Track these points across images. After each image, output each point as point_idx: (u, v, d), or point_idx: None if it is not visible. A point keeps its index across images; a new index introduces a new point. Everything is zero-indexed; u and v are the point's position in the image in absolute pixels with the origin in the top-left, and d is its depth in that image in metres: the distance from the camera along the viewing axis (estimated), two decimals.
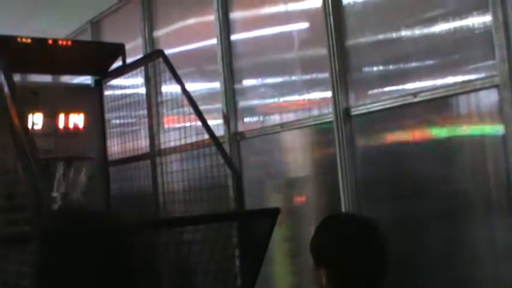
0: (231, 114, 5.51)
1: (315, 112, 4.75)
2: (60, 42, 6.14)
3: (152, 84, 6.37)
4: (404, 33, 4.09)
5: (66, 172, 5.19)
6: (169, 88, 5.82)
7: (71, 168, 5.29)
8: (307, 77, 4.89)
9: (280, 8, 5.13)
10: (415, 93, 3.97)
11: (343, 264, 2.29)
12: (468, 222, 3.72)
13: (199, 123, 5.15)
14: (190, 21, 6.21)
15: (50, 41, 5.99)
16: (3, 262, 4.14)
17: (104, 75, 6.53)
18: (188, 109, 5.31)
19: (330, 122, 4.50)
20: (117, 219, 1.70)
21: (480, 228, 3.69)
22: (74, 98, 6.43)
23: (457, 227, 3.73)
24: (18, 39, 5.71)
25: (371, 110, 4.27)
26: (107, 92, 6.63)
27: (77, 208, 1.87)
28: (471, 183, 3.73)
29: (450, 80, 3.80)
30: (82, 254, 1.58)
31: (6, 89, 4.67)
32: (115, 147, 6.58)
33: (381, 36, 4.28)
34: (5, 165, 4.82)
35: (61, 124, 6.23)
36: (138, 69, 6.30)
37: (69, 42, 6.34)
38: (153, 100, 6.40)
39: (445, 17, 3.83)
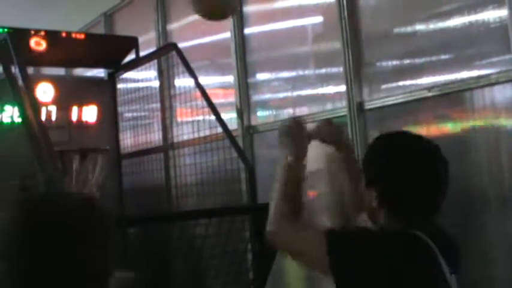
0: (244, 108, 5.50)
1: (329, 106, 4.74)
2: (73, 35, 6.16)
3: (165, 77, 6.38)
4: (419, 27, 4.07)
5: (81, 164, 5.20)
6: (183, 81, 5.83)
7: (85, 160, 5.30)
8: (321, 70, 4.87)
9: (294, 1, 5.11)
10: (429, 88, 3.95)
11: (398, 185, 2.13)
12: (483, 217, 3.70)
13: (212, 116, 5.15)
14: None
15: (64, 34, 6.01)
16: None
17: (117, 68, 6.55)
18: (201, 102, 5.31)
19: (344, 116, 4.49)
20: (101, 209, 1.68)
21: (494, 224, 3.67)
22: (87, 91, 6.46)
23: (471, 222, 3.71)
24: (32, 32, 5.72)
25: (385, 104, 4.25)
26: (119, 85, 6.65)
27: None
28: (486, 178, 3.70)
29: (465, 74, 3.77)
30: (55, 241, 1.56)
31: (20, 82, 4.69)
32: (128, 140, 6.61)
33: (395, 30, 4.26)
34: (19, 157, 4.85)
35: (74, 117, 6.25)
36: (151, 62, 6.32)
37: (83, 35, 6.35)
38: (166, 93, 6.41)
39: (460, 11, 3.81)
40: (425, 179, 2.14)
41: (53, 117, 6.06)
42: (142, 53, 6.35)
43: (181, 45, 5.67)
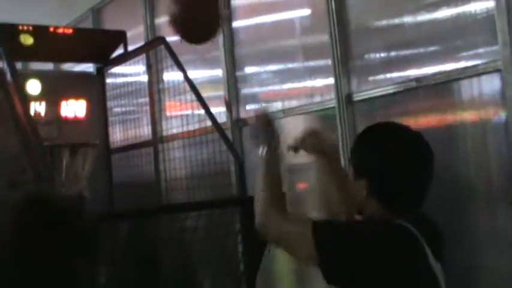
0: (233, 101, 5.51)
1: (317, 98, 4.75)
2: (61, 30, 6.15)
3: (154, 71, 6.37)
4: (406, 18, 4.09)
5: (71, 159, 5.20)
6: (171, 75, 5.83)
7: (75, 155, 5.30)
8: (309, 63, 4.88)
9: None
10: (417, 79, 3.97)
11: (387, 175, 2.16)
12: (470, 209, 3.73)
13: (201, 110, 5.16)
14: None
15: (52, 29, 6.00)
16: None
17: (105, 62, 6.54)
18: (190, 96, 5.32)
19: (332, 107, 4.50)
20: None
21: (482, 216, 3.70)
22: (75, 86, 6.44)
23: (459, 215, 3.74)
24: (20, 27, 5.71)
25: (373, 95, 4.27)
26: (108, 80, 6.65)
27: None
28: (473, 169, 3.73)
29: (452, 65, 3.79)
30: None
31: (8, 76, 4.69)
32: (117, 134, 6.61)
33: (382, 22, 4.28)
34: (8, 153, 4.84)
35: (63, 112, 6.24)
36: (140, 57, 6.31)
37: (71, 30, 6.35)
38: (154, 87, 6.41)
39: (447, 2, 3.82)
40: (414, 169, 2.17)
41: (42, 113, 6.05)
42: (130, 48, 6.35)
43: (169, 39, 5.66)
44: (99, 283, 5.25)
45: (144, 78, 6.52)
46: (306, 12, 4.96)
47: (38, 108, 6.02)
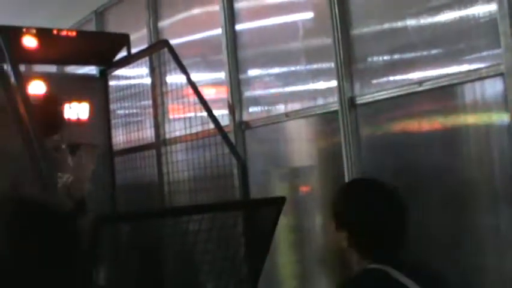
0: (236, 104, 5.52)
1: (320, 101, 4.76)
2: (65, 32, 6.15)
3: (157, 74, 6.38)
4: (409, 22, 4.09)
5: (73, 161, 5.19)
6: (174, 78, 5.83)
7: (78, 157, 5.29)
8: (312, 66, 4.89)
9: None
10: (420, 82, 3.97)
11: (364, 228, 2.40)
12: (474, 212, 3.73)
13: (204, 112, 5.16)
14: (195, 11, 6.21)
15: (55, 32, 6.00)
16: None
17: (108, 65, 6.53)
18: (193, 99, 5.32)
19: (335, 111, 4.51)
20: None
21: (486, 219, 3.70)
22: (79, 88, 6.44)
23: (463, 217, 3.74)
24: (23, 30, 5.71)
25: (376, 99, 4.27)
26: (111, 82, 6.65)
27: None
28: (476, 173, 3.73)
29: (455, 68, 3.80)
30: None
31: (12, 79, 4.70)
32: (120, 137, 6.61)
33: (385, 25, 4.28)
34: (11, 155, 4.84)
35: (66, 114, 6.24)
36: (143, 59, 6.31)
37: (74, 33, 6.34)
38: (158, 90, 6.42)
39: (450, 6, 3.83)
40: (389, 221, 2.43)
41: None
42: (134, 50, 6.35)
43: (172, 41, 5.67)
44: (99, 285, 5.26)
45: (147, 80, 6.53)
46: (309, 15, 4.97)
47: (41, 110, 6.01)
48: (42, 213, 1.68)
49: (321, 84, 4.77)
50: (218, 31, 5.71)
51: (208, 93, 5.68)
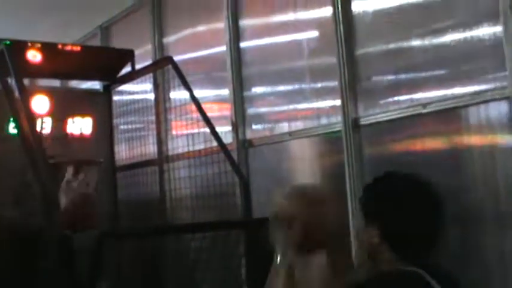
0: (239, 122, 5.51)
1: (324, 121, 4.75)
2: (69, 47, 6.16)
3: (161, 90, 6.38)
4: (414, 43, 4.08)
5: (76, 176, 5.19)
6: (178, 95, 5.83)
7: (80, 173, 5.29)
8: (317, 85, 4.88)
9: (290, 16, 5.13)
10: (424, 104, 3.96)
11: (398, 222, 2.25)
12: (478, 233, 3.70)
13: (207, 130, 5.16)
14: (200, 28, 6.21)
15: (60, 46, 6.01)
16: None
17: (112, 80, 6.54)
18: (196, 116, 5.32)
19: (339, 131, 4.49)
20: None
21: (490, 239, 3.67)
22: (82, 103, 6.44)
23: (467, 238, 3.72)
24: (28, 44, 5.72)
25: (380, 120, 4.26)
26: (115, 98, 6.65)
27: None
28: (481, 195, 3.71)
29: (460, 91, 3.79)
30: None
31: (16, 93, 4.70)
32: (123, 152, 6.60)
33: (390, 46, 4.27)
34: (13, 169, 4.84)
35: (69, 129, 6.24)
36: (147, 76, 6.32)
37: (79, 48, 6.36)
38: (161, 106, 6.41)
39: (455, 28, 3.82)
40: (425, 216, 2.27)
41: (48, 129, 6.05)
42: (138, 66, 6.36)
43: (177, 58, 5.67)
44: None
45: (151, 96, 6.53)
46: (314, 34, 4.97)
47: (44, 124, 6.01)
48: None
49: (325, 104, 4.76)
50: (223, 48, 5.72)
51: (212, 110, 5.68)
